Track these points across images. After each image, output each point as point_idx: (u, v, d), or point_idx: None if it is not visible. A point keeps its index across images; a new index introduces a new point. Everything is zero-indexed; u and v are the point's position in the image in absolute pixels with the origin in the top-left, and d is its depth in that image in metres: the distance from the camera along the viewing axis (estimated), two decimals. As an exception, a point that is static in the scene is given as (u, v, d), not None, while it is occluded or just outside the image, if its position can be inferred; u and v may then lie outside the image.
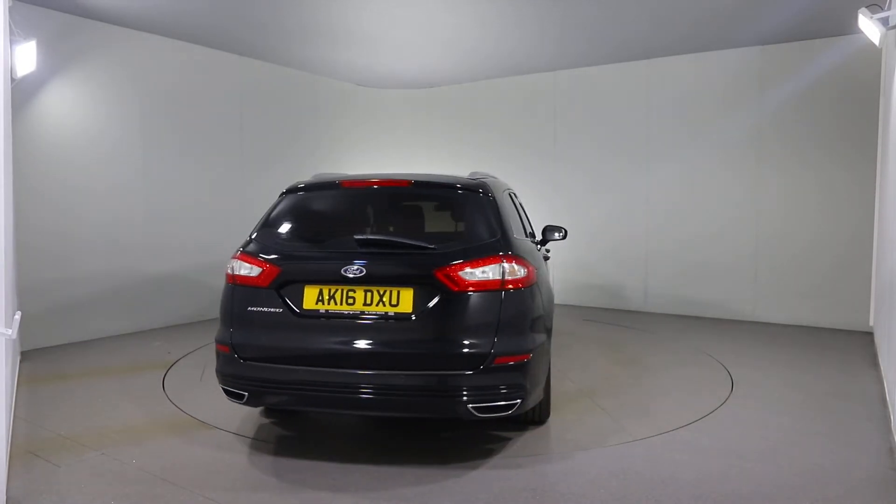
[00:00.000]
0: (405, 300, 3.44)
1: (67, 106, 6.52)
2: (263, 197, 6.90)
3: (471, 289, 3.42)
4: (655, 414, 4.48)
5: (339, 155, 9.60)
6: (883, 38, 5.27)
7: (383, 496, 3.22)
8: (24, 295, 6.02)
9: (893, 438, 3.90)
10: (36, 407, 4.58)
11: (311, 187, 4.09)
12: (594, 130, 8.80)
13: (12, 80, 5.53)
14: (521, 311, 3.53)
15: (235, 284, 3.72)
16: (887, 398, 4.56)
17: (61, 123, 6.47)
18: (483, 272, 3.43)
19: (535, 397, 3.67)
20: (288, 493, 3.26)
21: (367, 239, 3.72)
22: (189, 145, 7.59)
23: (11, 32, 5.22)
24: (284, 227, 3.92)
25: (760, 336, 7.01)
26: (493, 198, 3.87)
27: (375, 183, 4.02)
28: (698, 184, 8.09)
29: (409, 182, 3.95)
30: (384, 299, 3.46)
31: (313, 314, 3.52)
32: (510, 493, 3.23)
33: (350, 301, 3.49)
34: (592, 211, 8.81)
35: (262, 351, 3.56)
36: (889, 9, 4.94)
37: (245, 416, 4.39)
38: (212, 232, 7.79)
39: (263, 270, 3.62)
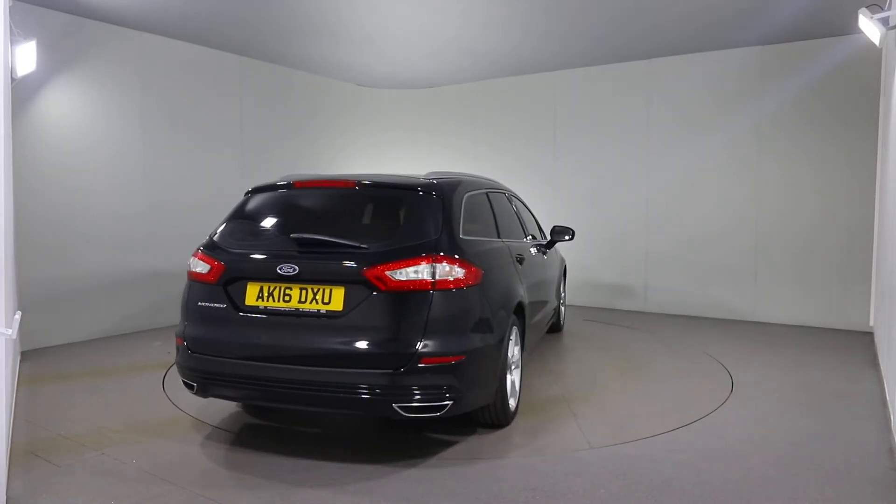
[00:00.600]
0: (336, 298, 3.51)
1: (68, 106, 6.52)
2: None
3: (399, 288, 3.45)
4: (655, 414, 4.48)
5: (339, 155, 9.60)
6: (883, 38, 5.27)
7: (383, 496, 3.22)
8: (25, 295, 6.02)
9: (893, 438, 3.90)
10: (36, 407, 4.58)
11: (269, 188, 4.18)
12: (594, 131, 8.79)
13: (12, 80, 5.53)
14: (455, 311, 3.54)
15: (192, 281, 3.91)
16: (887, 398, 4.56)
17: (61, 123, 6.47)
18: (413, 272, 3.46)
19: (474, 400, 3.68)
20: (288, 492, 3.26)
21: (303, 238, 3.75)
22: (189, 145, 7.59)
23: (11, 32, 5.22)
24: (239, 227, 4.07)
25: (760, 336, 7.01)
26: (441, 198, 3.85)
27: (324, 184, 4.13)
28: (698, 184, 8.09)
29: (355, 183, 4.00)
30: (317, 297, 3.55)
31: (254, 310, 3.66)
32: (510, 493, 3.23)
33: (287, 298, 3.60)
34: (593, 211, 8.81)
35: (208, 344, 3.72)
36: (889, 9, 4.94)
37: (245, 417, 4.39)
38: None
39: (212, 268, 3.80)
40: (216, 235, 4.02)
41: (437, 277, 3.47)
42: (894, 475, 3.45)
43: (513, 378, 4.23)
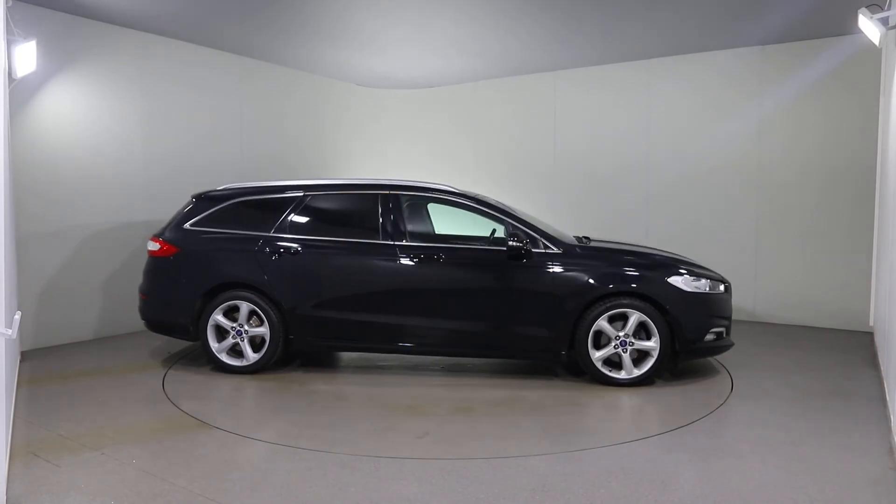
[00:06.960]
0: None
1: (67, 106, 6.52)
2: (263, 197, 6.86)
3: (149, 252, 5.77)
4: (656, 413, 4.48)
5: (339, 155, 9.60)
6: (883, 38, 5.27)
7: (383, 496, 3.23)
8: (24, 295, 6.02)
9: (893, 438, 3.90)
10: (36, 407, 4.58)
11: None
12: (594, 131, 8.79)
13: (12, 80, 5.53)
14: (149, 267, 5.70)
15: None
16: (887, 398, 4.56)
17: (61, 123, 6.47)
18: (148, 244, 5.75)
19: (161, 329, 5.74)
20: (289, 493, 3.26)
21: None
22: (189, 145, 7.59)
23: (11, 32, 5.23)
24: None
25: (760, 336, 7.02)
26: (192, 201, 5.78)
27: None
28: (698, 185, 8.08)
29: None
30: None
31: None
32: (510, 493, 3.24)
33: None
34: (592, 211, 8.81)
35: None
36: (889, 9, 4.95)
37: (244, 416, 4.39)
38: (212, 232, 7.77)
39: None
40: None
41: (149, 248, 5.71)
42: (894, 475, 3.45)
43: (240, 342, 5.42)
